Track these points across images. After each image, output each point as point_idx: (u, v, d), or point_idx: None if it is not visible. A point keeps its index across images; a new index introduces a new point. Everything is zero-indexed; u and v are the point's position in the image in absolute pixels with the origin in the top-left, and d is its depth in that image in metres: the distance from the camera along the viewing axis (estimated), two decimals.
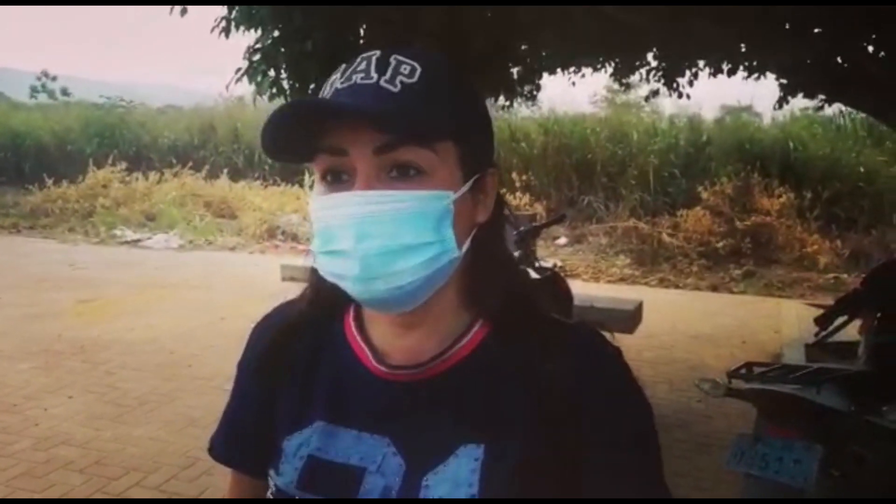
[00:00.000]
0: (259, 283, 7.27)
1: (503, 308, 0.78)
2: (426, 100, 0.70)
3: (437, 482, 0.73)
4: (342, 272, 0.71)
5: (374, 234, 0.69)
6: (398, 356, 0.79)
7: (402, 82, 0.70)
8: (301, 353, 0.83)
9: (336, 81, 0.72)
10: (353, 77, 0.71)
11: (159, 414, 4.12)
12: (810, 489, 2.21)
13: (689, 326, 6.22)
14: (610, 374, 0.77)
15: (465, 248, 0.75)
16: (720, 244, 8.95)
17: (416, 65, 0.71)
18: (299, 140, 0.71)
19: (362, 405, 0.78)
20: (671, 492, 0.78)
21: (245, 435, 0.87)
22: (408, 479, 0.74)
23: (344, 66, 0.74)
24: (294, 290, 0.90)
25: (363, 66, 0.72)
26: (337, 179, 0.71)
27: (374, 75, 0.70)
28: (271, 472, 0.81)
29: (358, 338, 0.81)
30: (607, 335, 0.82)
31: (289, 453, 0.79)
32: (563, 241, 10.04)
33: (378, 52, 0.73)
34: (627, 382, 0.78)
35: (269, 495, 0.81)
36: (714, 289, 8.10)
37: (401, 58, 0.72)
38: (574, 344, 0.78)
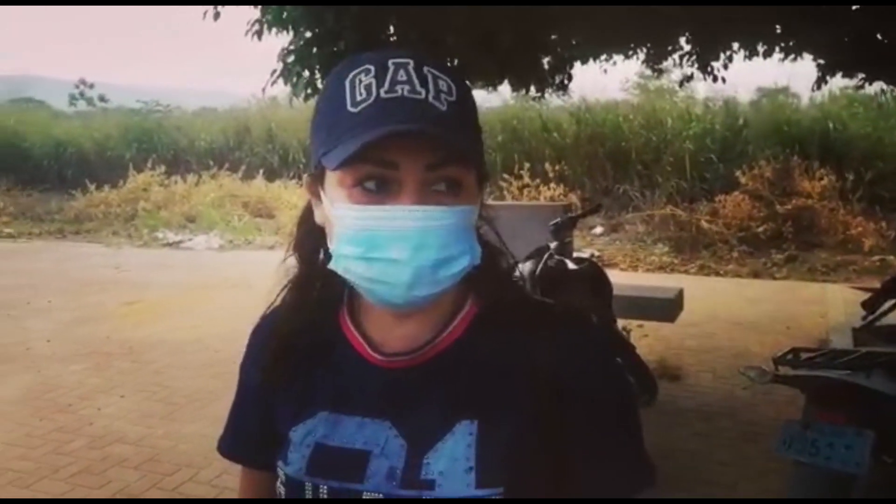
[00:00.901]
0: None
1: (490, 288, 0.84)
2: (466, 120, 0.76)
3: (437, 459, 0.77)
4: (386, 279, 0.74)
5: (428, 246, 0.73)
6: (394, 344, 0.83)
7: (446, 101, 0.74)
8: (300, 350, 0.87)
9: (373, 86, 0.73)
10: (398, 88, 0.73)
11: (208, 411, 4.22)
12: (862, 475, 2.18)
13: (731, 314, 6.14)
14: (590, 354, 0.82)
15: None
16: (761, 229, 8.77)
17: (449, 81, 0.75)
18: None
19: (362, 393, 0.83)
20: (658, 465, 0.83)
21: (251, 432, 0.93)
22: (410, 459, 0.78)
23: (372, 67, 0.74)
24: None
25: (403, 76, 0.73)
26: (382, 190, 0.74)
27: (421, 90, 0.73)
28: (279, 463, 0.85)
29: (354, 330, 0.86)
30: (635, 323, 0.88)
31: (296, 442, 0.84)
32: (598, 230, 9.97)
33: (410, 61, 0.74)
34: (606, 361, 0.84)
35: (278, 484, 0.86)
36: (755, 275, 7.96)
37: (434, 71, 0.75)
38: (557, 324, 0.83)
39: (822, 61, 5.18)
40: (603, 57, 6.05)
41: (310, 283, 0.88)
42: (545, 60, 5.53)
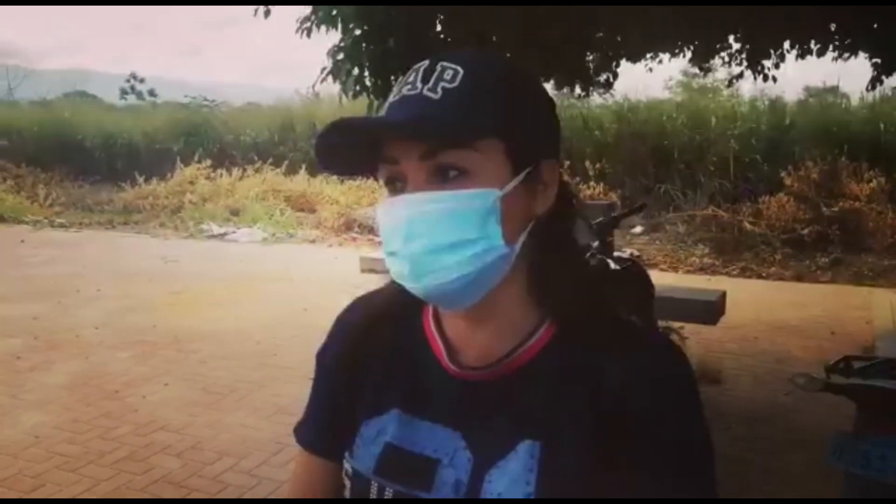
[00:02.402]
0: (339, 275, 7.44)
1: (570, 306, 0.79)
2: (465, 102, 0.72)
3: (498, 477, 0.76)
4: (398, 272, 0.75)
5: (418, 235, 0.72)
6: (470, 354, 0.81)
7: (443, 88, 0.73)
8: (383, 343, 0.87)
9: (391, 95, 0.77)
10: (403, 90, 0.75)
11: (249, 401, 4.30)
12: None
13: (773, 317, 6.02)
14: (667, 386, 0.75)
15: (521, 241, 0.76)
16: (805, 231, 8.56)
17: (458, 69, 0.74)
18: (363, 154, 0.76)
19: (436, 399, 0.82)
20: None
21: (325, 421, 0.91)
22: (475, 473, 0.77)
23: (402, 77, 0.78)
24: (373, 282, 0.95)
25: (411, 77, 0.75)
26: (394, 187, 0.75)
27: (420, 85, 0.74)
28: (346, 456, 0.85)
29: (435, 332, 0.84)
30: (674, 324, 0.82)
31: (367, 438, 0.84)
32: (639, 229, 9.85)
33: (427, 62, 0.76)
34: (681, 393, 0.76)
35: (344, 476, 0.86)
36: (799, 278, 7.78)
37: (446, 64, 0.74)
38: (636, 348, 0.78)
39: (877, 60, 5.03)
40: (649, 55, 5.98)
41: None
42: (591, 58, 5.48)
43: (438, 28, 4.11)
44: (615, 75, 5.86)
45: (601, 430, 0.74)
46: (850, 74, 11.95)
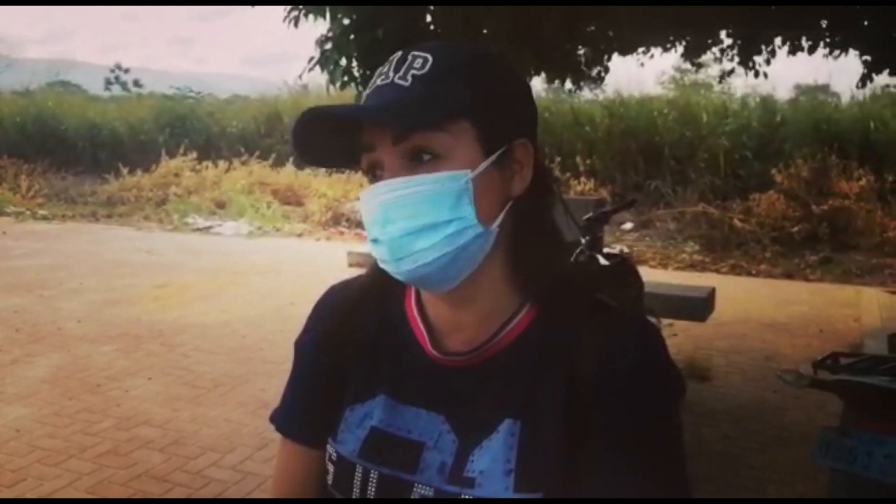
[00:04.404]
0: (326, 269, 7.39)
1: (550, 289, 0.81)
2: (433, 86, 0.74)
3: (480, 456, 0.78)
4: (381, 256, 0.77)
5: (394, 219, 0.74)
6: (454, 339, 0.83)
7: (413, 75, 0.75)
8: (363, 329, 0.88)
9: (368, 87, 0.80)
10: (377, 80, 0.78)
11: (233, 396, 4.25)
12: None
13: (762, 315, 6.03)
14: (639, 365, 0.77)
15: (497, 222, 0.77)
16: (795, 229, 8.59)
17: (428, 56, 0.76)
18: (343, 143, 0.79)
19: (421, 384, 0.83)
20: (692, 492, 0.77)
21: (306, 408, 0.91)
22: (459, 455, 0.79)
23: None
24: None
25: (385, 68, 0.78)
26: (373, 174, 0.78)
27: (392, 75, 0.76)
28: (330, 440, 0.86)
29: (417, 318, 0.86)
30: (663, 321, 0.83)
31: (352, 423, 0.85)
32: (629, 226, 9.85)
33: (400, 53, 0.78)
34: (655, 376, 0.78)
35: (327, 462, 0.86)
36: (789, 276, 7.81)
37: (417, 53, 0.77)
38: (612, 327, 0.79)
39: (868, 58, 5.03)
40: (641, 50, 5.96)
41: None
42: (582, 52, 5.45)
43: (429, 19, 4.07)
44: (606, 69, 5.84)
45: (577, 408, 0.76)
46: (840, 73, 11.99)
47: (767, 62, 5.66)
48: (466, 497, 0.77)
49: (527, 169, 0.80)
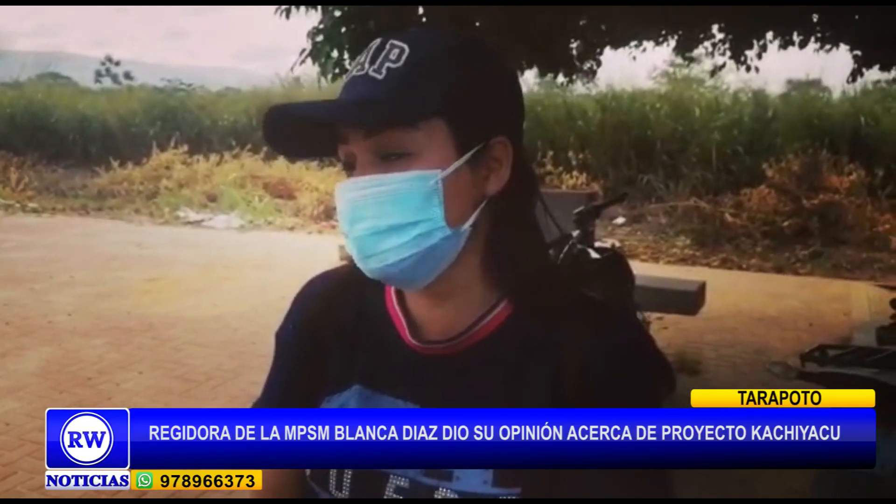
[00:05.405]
0: (318, 263, 7.29)
1: (527, 283, 0.80)
2: (405, 81, 0.72)
3: None
4: (351, 252, 0.77)
5: (362, 218, 0.74)
6: (432, 329, 0.82)
7: (387, 69, 0.73)
8: (343, 318, 0.87)
9: (346, 76, 0.78)
10: (353, 71, 0.76)
11: (225, 390, 4.24)
12: (888, 477, 2.13)
13: (753, 308, 6.05)
14: (622, 360, 0.77)
15: (469, 222, 0.76)
16: (786, 224, 8.63)
17: (404, 46, 0.73)
18: (321, 133, 0.77)
19: (398, 374, 0.82)
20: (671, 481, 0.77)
21: (286, 399, 0.90)
22: None
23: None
24: None
25: (362, 58, 0.76)
26: (348, 167, 0.77)
27: (367, 66, 0.74)
28: None
29: (397, 308, 0.85)
30: (654, 315, 0.83)
31: None
32: (620, 220, 9.87)
33: (378, 41, 0.75)
34: (638, 371, 0.78)
35: None
36: (779, 270, 7.84)
37: (395, 42, 0.74)
38: (590, 320, 0.79)
39: (858, 53, 5.05)
40: (633, 43, 5.96)
41: None
42: (574, 46, 5.45)
43: (420, 11, 4.06)
44: (598, 63, 5.84)
45: (560, 403, 0.75)
46: (831, 68, 12.04)
47: (759, 56, 5.67)
48: (444, 490, 0.76)
49: (505, 168, 0.77)
